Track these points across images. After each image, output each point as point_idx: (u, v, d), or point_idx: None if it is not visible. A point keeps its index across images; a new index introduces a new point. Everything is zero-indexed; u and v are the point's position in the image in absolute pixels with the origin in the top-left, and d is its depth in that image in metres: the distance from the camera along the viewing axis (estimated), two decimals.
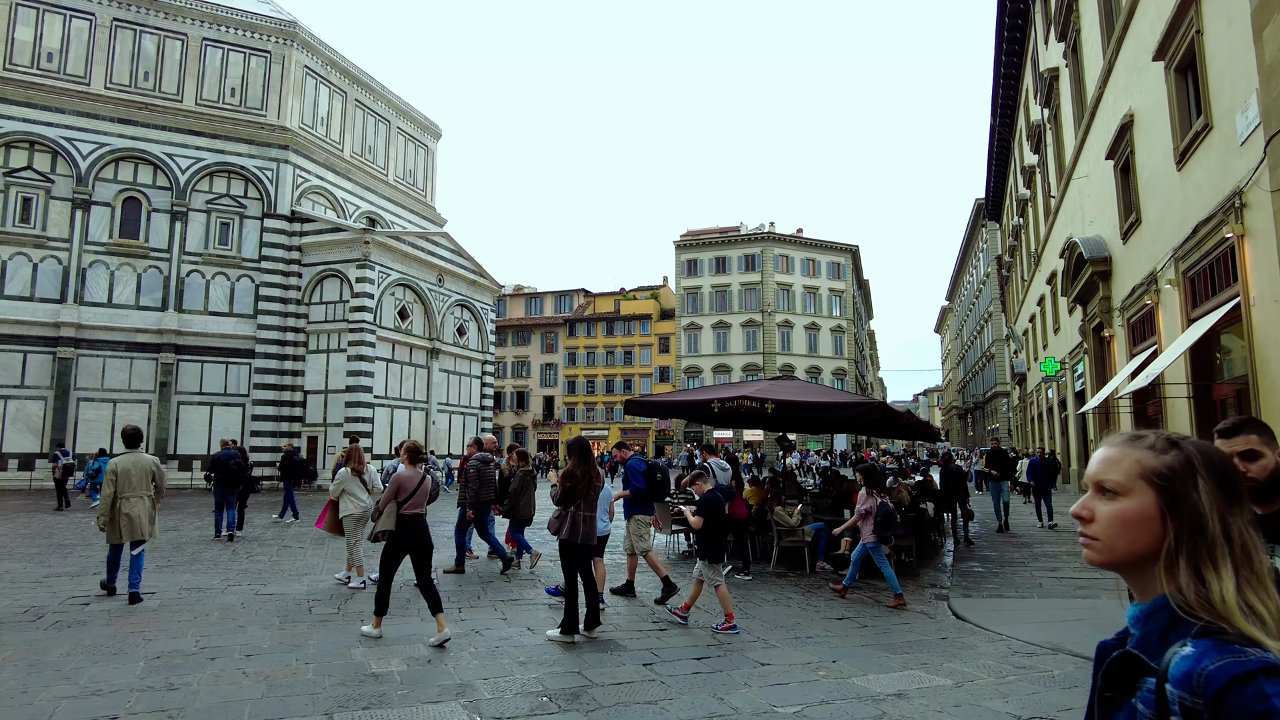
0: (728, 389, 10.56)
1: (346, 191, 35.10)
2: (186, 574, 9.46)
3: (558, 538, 6.43)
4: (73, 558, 10.55)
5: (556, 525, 6.38)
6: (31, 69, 28.45)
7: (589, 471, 6.40)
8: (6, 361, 26.68)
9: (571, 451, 6.62)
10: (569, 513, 6.31)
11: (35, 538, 12.68)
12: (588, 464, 6.43)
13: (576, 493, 6.30)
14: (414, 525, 6.54)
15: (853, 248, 66.25)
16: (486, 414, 39.44)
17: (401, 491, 6.52)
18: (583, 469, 6.36)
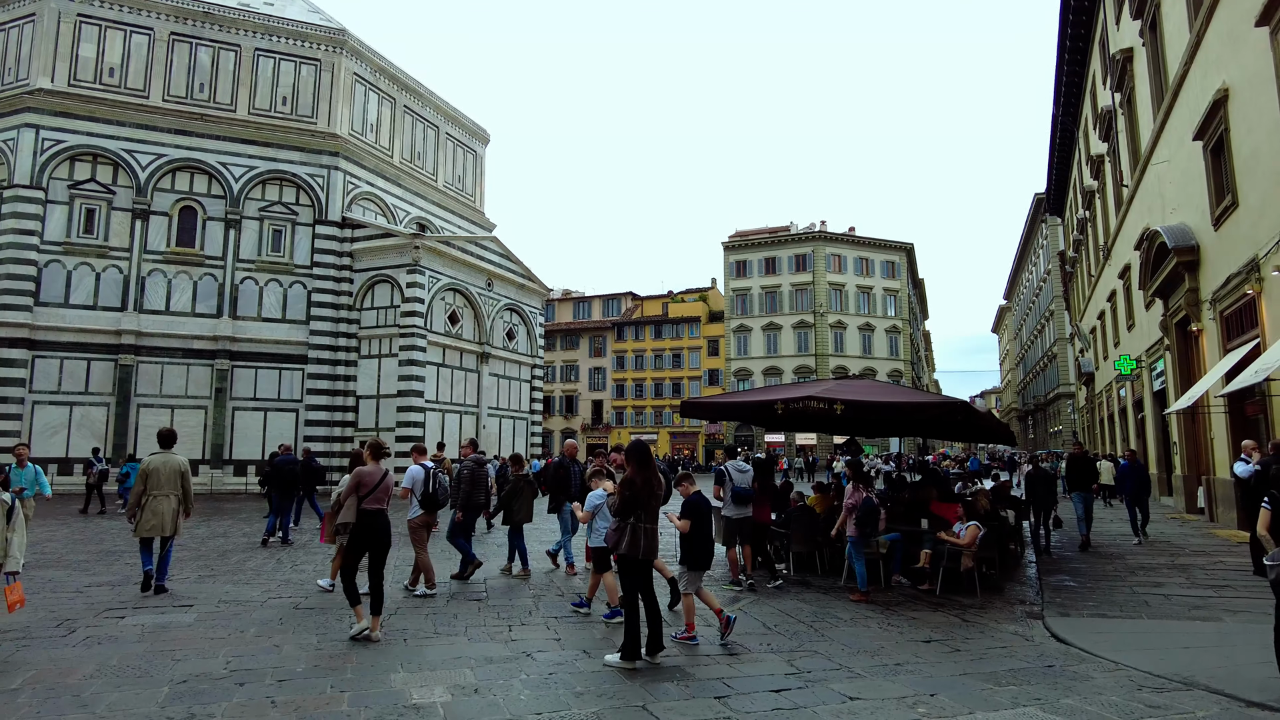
0: (792, 389, 9.90)
1: (396, 198, 35.27)
2: (228, 584, 9.17)
3: (616, 553, 5.88)
4: (118, 565, 10.39)
5: (615, 538, 5.82)
6: (94, 84, 29.18)
7: (650, 479, 5.80)
8: (72, 369, 27.33)
9: (630, 457, 6.02)
10: (628, 525, 5.74)
11: (86, 543, 12.64)
12: (648, 470, 5.85)
13: (636, 502, 5.73)
14: (375, 520, 6.78)
15: (907, 246, 64.62)
16: (536, 418, 39.24)
17: (363, 486, 6.79)
18: (643, 476, 5.77)
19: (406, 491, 8.98)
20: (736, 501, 9.09)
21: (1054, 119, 35.32)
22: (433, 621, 7.18)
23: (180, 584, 9.01)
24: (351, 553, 6.83)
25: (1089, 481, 11.54)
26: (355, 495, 6.84)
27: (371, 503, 6.80)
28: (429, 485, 8.90)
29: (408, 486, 8.95)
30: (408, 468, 9.42)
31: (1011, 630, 6.93)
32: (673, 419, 64.00)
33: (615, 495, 5.67)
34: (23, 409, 26.64)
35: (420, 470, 8.95)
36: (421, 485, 8.91)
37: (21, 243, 27.05)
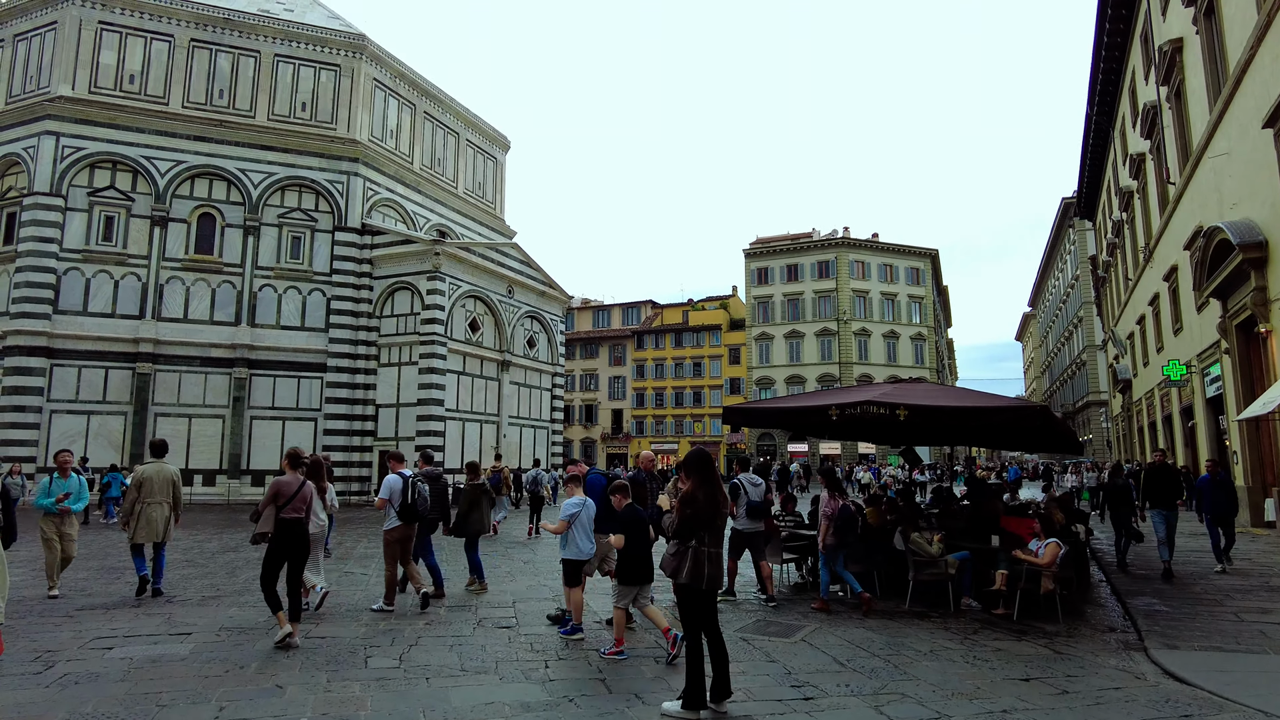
0: (846, 393, 9.14)
1: (416, 204, 34.85)
2: (233, 606, 8.46)
3: (675, 581, 5.04)
4: (118, 584, 9.73)
5: (673, 564, 4.98)
6: (115, 91, 28.99)
7: (714, 494, 4.99)
8: (90, 378, 27.01)
9: (690, 469, 5.13)
10: (688, 548, 4.92)
11: (90, 559, 12.03)
12: (712, 485, 5.03)
13: (699, 521, 4.91)
14: (293, 529, 6.94)
15: (932, 252, 63.54)
16: (557, 427, 38.59)
17: (280, 496, 6.95)
18: (706, 491, 4.96)
19: (383, 502, 8.43)
20: (750, 515, 8.95)
21: (1087, 119, 34.33)
22: (458, 654, 6.44)
23: (181, 606, 8.35)
24: (271, 561, 6.94)
25: (1173, 496, 10.44)
26: (273, 505, 6.98)
27: (289, 511, 6.95)
28: (408, 495, 8.34)
29: (384, 497, 8.41)
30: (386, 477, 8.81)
31: (1115, 665, 6.09)
32: (693, 428, 63.16)
33: (672, 514, 4.89)
34: (41, 418, 26.33)
35: (398, 480, 8.41)
36: (399, 495, 8.36)
37: (41, 250, 26.82)
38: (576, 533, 7.24)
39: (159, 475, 8.79)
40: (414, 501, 8.38)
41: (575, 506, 7.33)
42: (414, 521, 8.49)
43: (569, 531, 7.21)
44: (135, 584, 9.03)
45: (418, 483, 8.48)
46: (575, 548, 7.23)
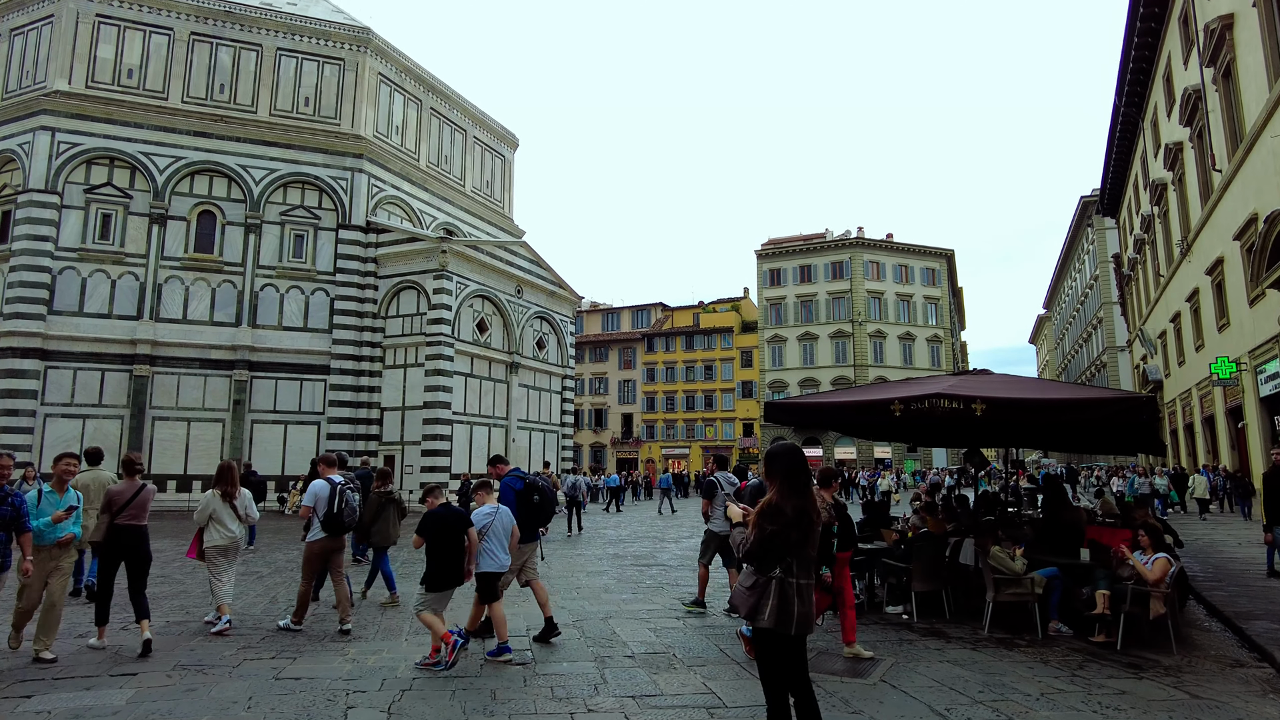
0: (907, 386, 8.05)
1: (423, 202, 33.90)
2: (200, 635, 7.36)
3: (753, 622, 3.73)
4: (72, 610, 8.62)
5: (750, 600, 3.69)
6: (113, 86, 28.16)
7: (805, 506, 3.69)
8: (86, 380, 26.09)
9: (773, 470, 3.78)
10: (771, 580, 3.65)
11: None
12: (804, 494, 3.70)
13: (786, 544, 3.63)
14: (128, 536, 6.89)
15: (947, 252, 62.32)
16: (567, 430, 37.53)
17: (114, 503, 6.89)
18: (796, 502, 3.65)
19: (308, 510, 7.67)
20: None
21: (1115, 111, 33.18)
22: (461, 702, 5.35)
23: (136, 637, 7.17)
24: (106, 569, 6.92)
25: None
26: (108, 513, 6.92)
27: (125, 519, 6.91)
28: (334, 504, 7.53)
29: (309, 504, 7.66)
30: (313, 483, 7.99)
31: (1273, 715, 4.98)
32: (704, 432, 62.00)
33: (749, 533, 3.74)
34: (35, 422, 25.40)
35: (325, 486, 7.65)
36: (325, 504, 7.57)
37: (36, 249, 25.94)
38: (491, 544, 6.75)
39: (95, 482, 8.49)
40: (340, 511, 7.55)
41: (487, 516, 6.83)
42: (340, 533, 7.70)
43: (483, 544, 6.71)
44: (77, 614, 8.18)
45: (347, 490, 7.66)
46: (492, 560, 6.74)
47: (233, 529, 7.60)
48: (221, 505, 7.55)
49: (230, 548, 7.59)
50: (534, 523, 7.49)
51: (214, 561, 7.52)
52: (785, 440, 3.86)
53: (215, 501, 7.55)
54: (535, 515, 7.46)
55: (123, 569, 6.96)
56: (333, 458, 8.20)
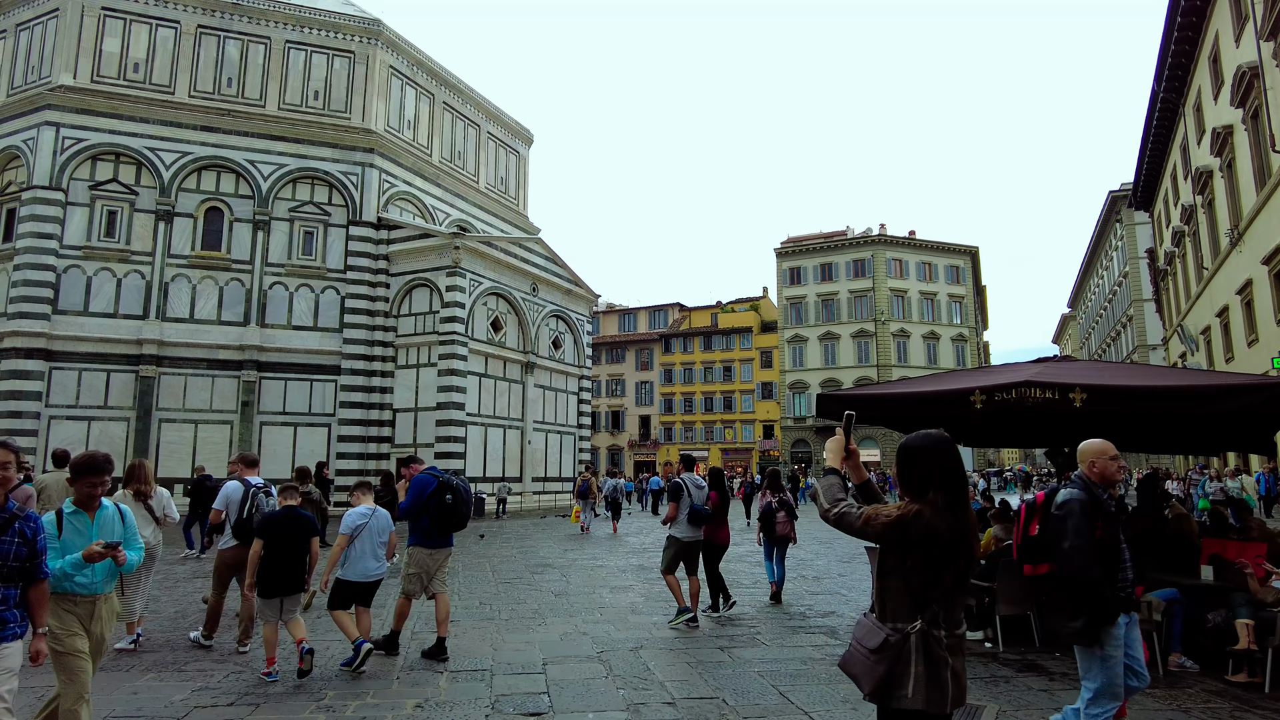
0: (986, 375, 6.96)
1: (435, 198, 33.03)
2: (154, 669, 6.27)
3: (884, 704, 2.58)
4: None
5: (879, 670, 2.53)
6: (118, 80, 27.49)
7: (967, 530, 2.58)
8: (91, 381, 25.36)
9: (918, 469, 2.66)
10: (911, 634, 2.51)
11: None
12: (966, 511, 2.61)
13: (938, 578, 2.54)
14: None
15: (972, 249, 60.86)
16: (584, 433, 36.53)
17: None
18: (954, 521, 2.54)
19: (218, 514, 7.10)
20: (692, 521, 8.14)
21: (1152, 97, 31.75)
22: None
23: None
24: None
25: None
26: None
27: None
28: (244, 509, 6.90)
29: (219, 508, 7.08)
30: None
31: None
32: (724, 434, 60.82)
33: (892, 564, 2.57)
34: (39, 424, 24.68)
35: (237, 488, 7.06)
36: (236, 508, 6.98)
37: (40, 247, 25.26)
38: (360, 549, 6.20)
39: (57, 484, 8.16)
40: (249, 516, 6.88)
41: (361, 518, 6.30)
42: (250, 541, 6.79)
43: (350, 548, 6.19)
44: None
45: (260, 494, 7.04)
46: (356, 567, 6.20)
47: (146, 534, 6.68)
48: (134, 506, 6.66)
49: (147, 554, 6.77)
50: (446, 526, 6.79)
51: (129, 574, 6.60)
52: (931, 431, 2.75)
53: (127, 501, 6.62)
54: (448, 518, 6.74)
55: None
56: (251, 458, 7.60)
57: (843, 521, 2.63)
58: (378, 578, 6.35)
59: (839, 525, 2.66)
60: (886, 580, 2.61)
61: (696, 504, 8.16)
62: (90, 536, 4.04)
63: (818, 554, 14.70)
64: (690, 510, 8.10)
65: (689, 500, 8.15)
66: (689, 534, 8.16)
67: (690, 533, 8.16)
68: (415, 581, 6.67)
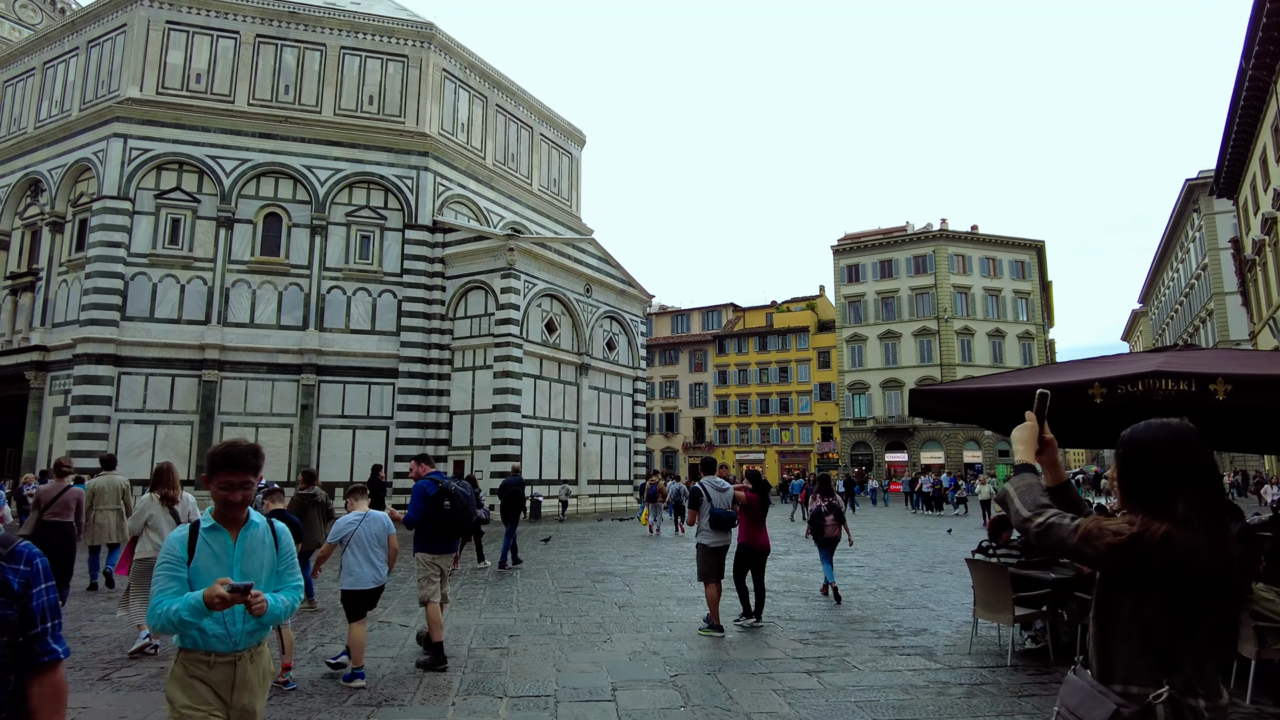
0: (1102, 366, 6.19)
1: (490, 201, 32.94)
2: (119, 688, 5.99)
3: None
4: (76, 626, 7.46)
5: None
6: (181, 91, 28.04)
7: (1227, 557, 1.82)
8: (156, 386, 25.85)
9: (1152, 471, 1.93)
10: (1154, 707, 1.77)
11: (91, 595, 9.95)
12: (1224, 531, 1.86)
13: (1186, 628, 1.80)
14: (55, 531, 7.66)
15: (1038, 244, 58.61)
16: (639, 435, 36.03)
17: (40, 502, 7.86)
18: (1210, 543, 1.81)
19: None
20: (714, 526, 7.83)
21: (1239, 75, 29.83)
22: None
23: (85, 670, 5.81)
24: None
25: None
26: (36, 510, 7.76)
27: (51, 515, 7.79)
28: None
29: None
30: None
31: None
32: (780, 436, 59.66)
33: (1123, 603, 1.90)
34: (109, 428, 25.24)
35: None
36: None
37: (109, 255, 25.88)
38: (355, 556, 5.95)
39: (110, 485, 9.24)
40: None
41: (349, 525, 6.05)
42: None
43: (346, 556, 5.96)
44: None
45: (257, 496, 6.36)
46: (350, 576, 5.94)
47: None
48: (160, 511, 6.61)
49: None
50: (447, 533, 6.66)
51: (143, 578, 6.43)
52: (1170, 420, 2.06)
53: (153, 506, 6.64)
54: (448, 525, 6.61)
55: None
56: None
57: (1050, 535, 1.96)
58: (378, 585, 6.10)
59: (1044, 541, 1.98)
60: (1112, 625, 1.93)
61: (717, 508, 7.83)
62: (230, 565, 2.82)
63: (894, 562, 13.84)
64: (711, 515, 7.80)
65: (709, 505, 7.83)
66: (714, 539, 7.84)
67: (715, 538, 7.84)
68: (428, 585, 6.57)
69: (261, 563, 2.89)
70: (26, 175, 29.82)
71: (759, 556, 8.27)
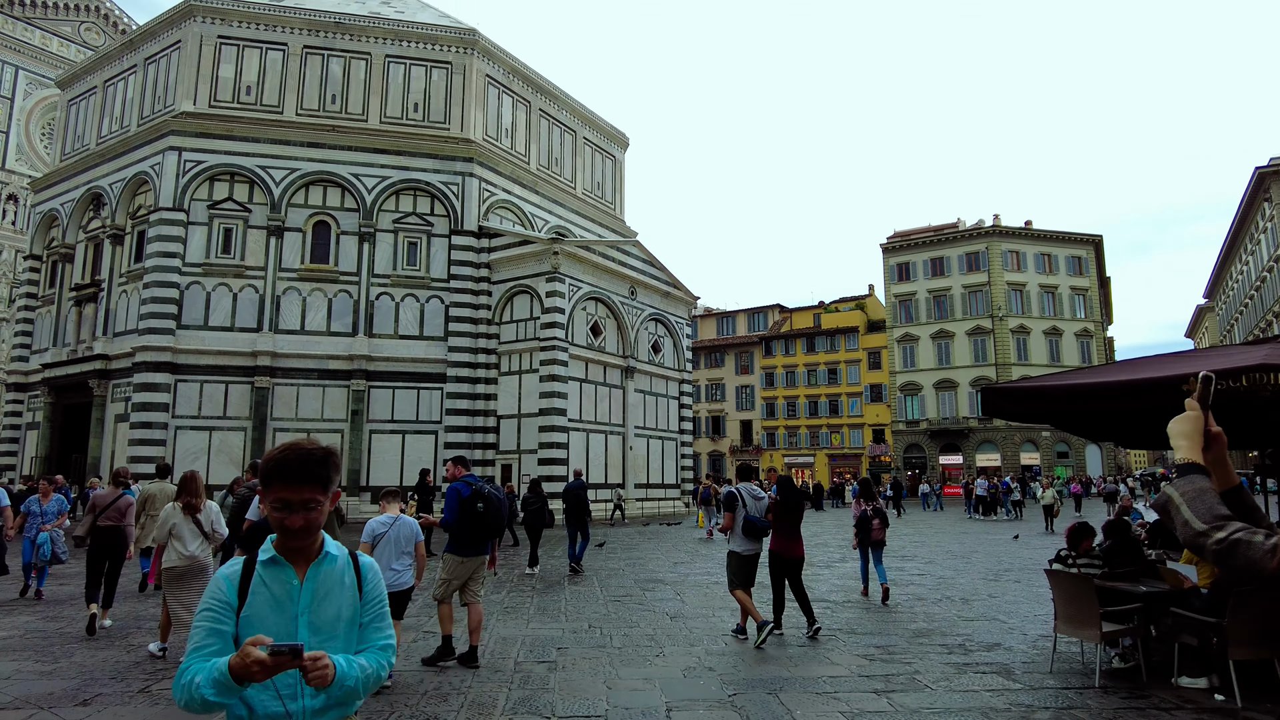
0: (1197, 359, 5.65)
1: (534, 205, 32.94)
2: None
3: None
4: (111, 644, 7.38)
5: None
6: (232, 103, 28.63)
7: None
8: (211, 393, 26.36)
9: None
10: None
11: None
12: None
13: None
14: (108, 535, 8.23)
15: (1095, 238, 56.61)
16: (686, 438, 35.62)
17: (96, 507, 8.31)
18: None
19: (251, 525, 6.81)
20: (747, 534, 7.63)
21: None
22: None
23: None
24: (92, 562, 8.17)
25: None
26: (91, 514, 8.24)
27: (105, 520, 8.17)
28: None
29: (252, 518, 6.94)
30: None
31: None
32: (830, 439, 58.62)
33: None
34: (167, 434, 25.82)
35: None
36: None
37: (165, 265, 26.50)
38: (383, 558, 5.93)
39: (161, 492, 9.32)
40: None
41: (382, 526, 6.07)
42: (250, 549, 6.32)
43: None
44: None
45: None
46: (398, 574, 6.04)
47: (192, 548, 6.57)
48: (183, 520, 6.58)
49: (187, 570, 6.54)
50: (479, 535, 6.69)
51: (169, 587, 6.54)
52: None
53: (175, 515, 6.60)
54: (480, 527, 6.66)
55: None
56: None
57: (1236, 556, 1.52)
58: (404, 587, 6.10)
59: (1226, 561, 1.54)
60: None
61: (752, 515, 7.67)
62: (295, 611, 2.00)
63: (957, 570, 13.22)
64: (745, 522, 7.64)
65: (744, 511, 7.66)
66: (746, 547, 7.69)
67: (747, 546, 7.69)
68: (445, 587, 6.64)
69: (339, 611, 2.05)
70: (89, 190, 30.77)
71: (791, 566, 8.04)
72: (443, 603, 6.66)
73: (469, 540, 6.66)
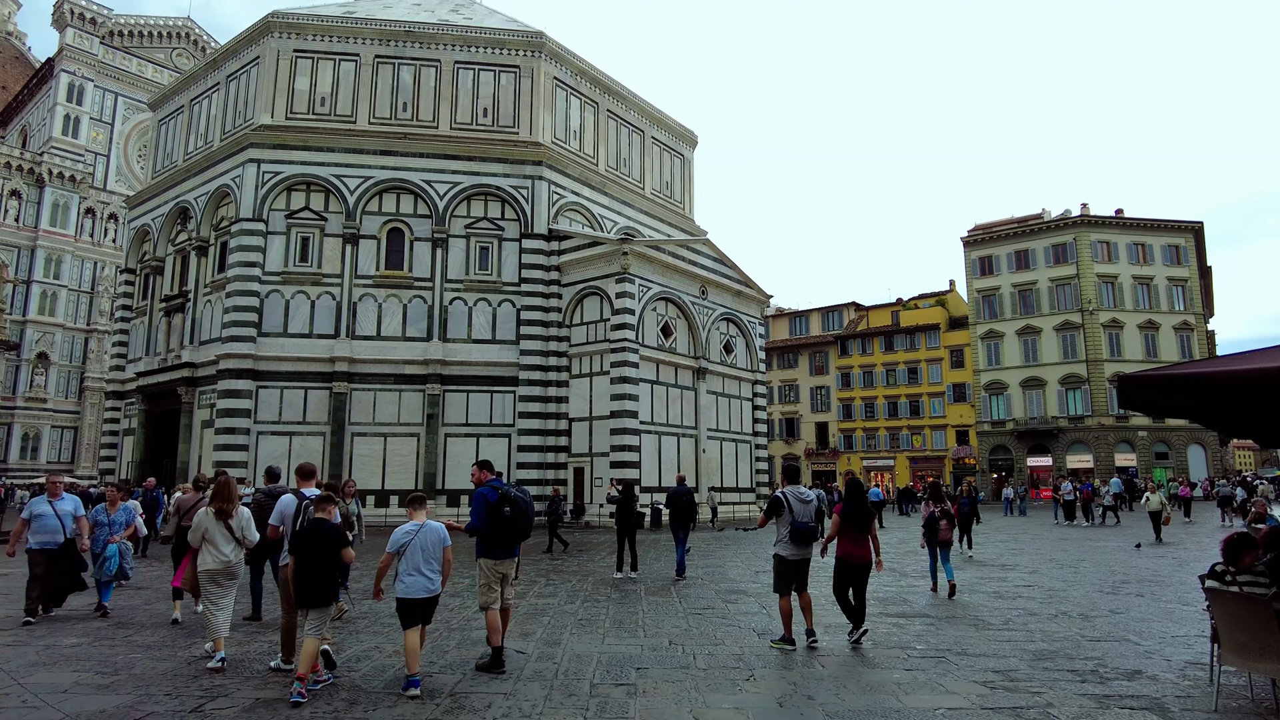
0: None
1: (603, 207, 32.67)
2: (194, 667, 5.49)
3: None
4: (161, 652, 7.15)
5: None
6: (308, 115, 29.28)
7: None
8: (291, 399, 26.90)
9: None
10: None
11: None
12: None
13: None
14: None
15: (1195, 225, 53.04)
16: (760, 440, 34.76)
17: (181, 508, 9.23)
18: None
19: (275, 530, 6.75)
20: (795, 539, 7.42)
21: None
22: None
23: None
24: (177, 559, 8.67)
25: None
26: (176, 516, 9.27)
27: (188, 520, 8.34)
28: (299, 522, 6.49)
29: (275, 523, 6.73)
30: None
31: None
32: (911, 441, 56.56)
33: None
34: (249, 439, 26.46)
35: (291, 501, 6.71)
36: (291, 523, 6.59)
37: (246, 275, 27.21)
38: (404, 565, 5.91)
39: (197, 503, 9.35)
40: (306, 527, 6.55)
41: (406, 535, 5.97)
42: None
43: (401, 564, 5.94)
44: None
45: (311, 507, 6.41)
46: (402, 584, 5.91)
47: (226, 552, 6.74)
48: (215, 524, 6.71)
49: (223, 573, 6.74)
50: (506, 539, 6.67)
51: (206, 589, 6.72)
52: None
53: (208, 520, 6.72)
54: (507, 530, 6.63)
55: None
56: (308, 468, 7.23)
57: None
58: (431, 594, 6.01)
59: None
60: None
61: (799, 519, 7.44)
62: None
63: (1067, 581, 12.12)
64: (793, 527, 7.41)
65: (789, 516, 7.44)
66: (794, 552, 7.48)
67: (795, 551, 7.48)
68: (488, 592, 6.60)
69: None
70: (177, 204, 31.96)
71: (859, 572, 7.70)
72: (488, 609, 6.58)
73: (500, 543, 6.66)
